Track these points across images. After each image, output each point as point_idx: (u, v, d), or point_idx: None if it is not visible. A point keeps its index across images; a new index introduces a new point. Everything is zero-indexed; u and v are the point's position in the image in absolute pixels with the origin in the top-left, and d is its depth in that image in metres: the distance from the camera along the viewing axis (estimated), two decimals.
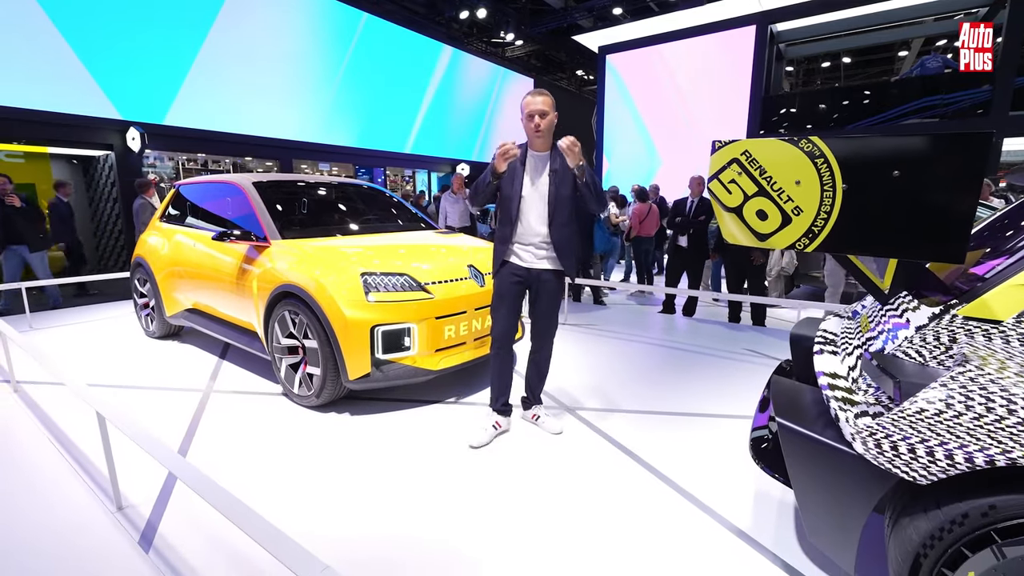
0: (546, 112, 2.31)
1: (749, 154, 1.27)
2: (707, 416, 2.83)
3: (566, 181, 2.36)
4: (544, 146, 2.39)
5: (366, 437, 2.54)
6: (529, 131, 2.36)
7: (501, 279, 2.46)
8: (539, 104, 2.32)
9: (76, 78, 7.16)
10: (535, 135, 2.34)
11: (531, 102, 2.33)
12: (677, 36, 11.26)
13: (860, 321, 1.80)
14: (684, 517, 1.91)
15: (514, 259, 2.44)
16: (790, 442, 1.39)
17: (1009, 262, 1.32)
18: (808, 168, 1.18)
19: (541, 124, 2.31)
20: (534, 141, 2.38)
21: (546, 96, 2.35)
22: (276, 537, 1.13)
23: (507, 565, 1.64)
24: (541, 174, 2.39)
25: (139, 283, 4.35)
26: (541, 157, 2.40)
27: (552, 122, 2.35)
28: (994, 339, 1.17)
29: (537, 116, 2.31)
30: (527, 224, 2.40)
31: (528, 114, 2.33)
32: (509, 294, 2.45)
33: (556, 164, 2.37)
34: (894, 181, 1.10)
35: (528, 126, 2.35)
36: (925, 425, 1.09)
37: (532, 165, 2.39)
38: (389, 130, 12.23)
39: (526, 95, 2.40)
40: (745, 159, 1.28)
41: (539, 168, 2.39)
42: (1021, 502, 1.00)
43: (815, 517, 1.36)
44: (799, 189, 1.21)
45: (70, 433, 2.55)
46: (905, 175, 1.08)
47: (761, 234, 1.29)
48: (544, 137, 2.35)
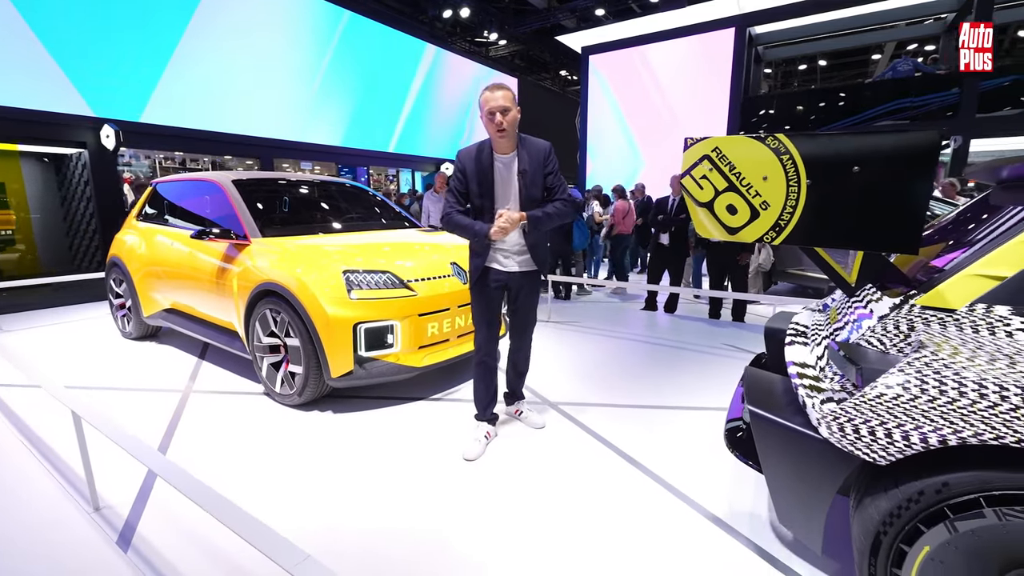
0: (508, 108, 2.09)
1: (720, 151, 1.32)
2: (686, 409, 2.89)
3: (536, 182, 2.21)
4: (509, 146, 2.19)
5: (350, 435, 2.54)
6: (491, 131, 2.14)
7: (482, 287, 2.33)
8: (499, 100, 2.08)
9: (46, 74, 6.97)
10: (498, 135, 2.13)
11: (490, 98, 2.10)
12: (659, 38, 11.41)
13: (830, 313, 1.87)
14: (663, 506, 1.96)
15: (495, 265, 2.32)
16: (761, 429, 1.44)
17: (964, 255, 1.39)
18: (775, 164, 1.23)
19: (504, 122, 2.09)
20: (498, 142, 2.17)
21: (506, 90, 2.12)
22: (256, 528, 1.14)
23: (493, 553, 1.67)
24: (510, 178, 2.22)
25: (115, 283, 4.26)
26: (507, 159, 2.21)
27: (515, 119, 2.13)
28: (948, 326, 1.24)
29: (499, 113, 2.08)
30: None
31: (488, 112, 2.10)
32: (491, 300, 2.34)
33: (524, 164, 2.19)
34: (854, 177, 1.15)
35: (490, 126, 2.13)
36: (884, 408, 1.14)
37: (499, 170, 2.21)
38: (372, 129, 12.14)
39: (483, 90, 2.15)
40: (716, 155, 1.33)
41: (507, 171, 2.22)
42: (971, 479, 1.06)
43: (784, 500, 1.41)
44: (766, 185, 1.26)
45: (44, 436, 2.50)
46: (863, 171, 1.14)
47: (731, 228, 1.34)
48: (508, 137, 2.14)
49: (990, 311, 1.21)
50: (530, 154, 2.20)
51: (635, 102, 12.01)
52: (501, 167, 2.21)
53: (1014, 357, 1.09)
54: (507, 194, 2.23)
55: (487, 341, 2.39)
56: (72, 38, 7.17)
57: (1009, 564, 1.06)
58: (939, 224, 1.95)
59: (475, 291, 2.36)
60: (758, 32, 10.95)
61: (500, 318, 2.46)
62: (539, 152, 2.23)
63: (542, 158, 2.23)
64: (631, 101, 12.08)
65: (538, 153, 2.23)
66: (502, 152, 2.20)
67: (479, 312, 2.37)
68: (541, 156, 2.23)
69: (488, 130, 2.17)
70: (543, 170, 2.23)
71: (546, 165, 2.24)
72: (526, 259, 2.33)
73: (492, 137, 2.18)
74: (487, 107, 2.11)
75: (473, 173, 2.20)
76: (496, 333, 2.42)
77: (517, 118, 2.15)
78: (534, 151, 2.23)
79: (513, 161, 2.21)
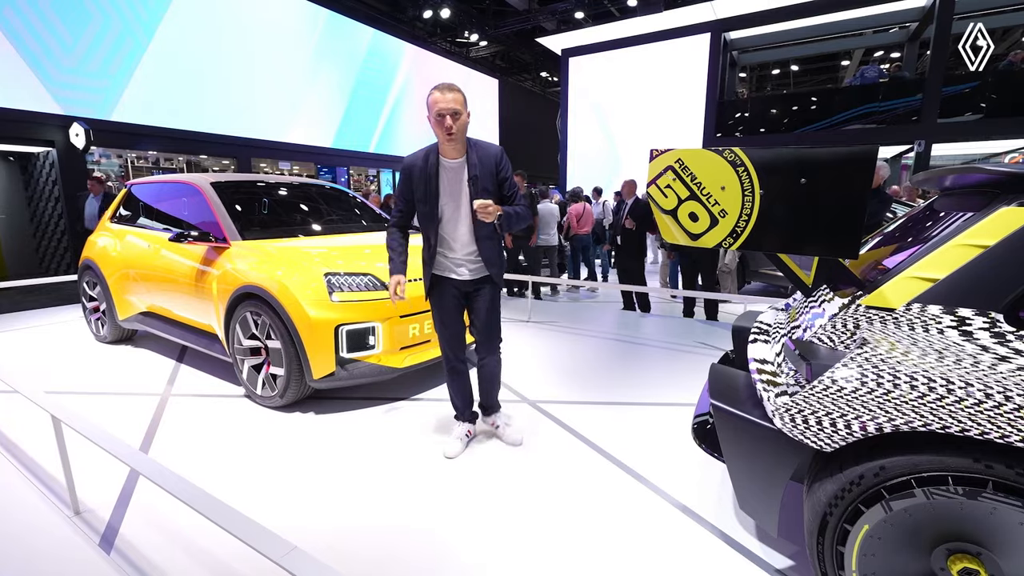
0: (459, 112, 1.97)
1: (682, 162, 1.41)
2: (657, 405, 3.00)
3: (487, 188, 2.08)
4: (458, 151, 2.06)
5: (332, 435, 2.57)
6: (439, 134, 2.01)
7: (439, 295, 2.26)
8: (450, 102, 1.95)
9: (11, 69, 6.77)
10: (447, 140, 2.01)
11: (439, 100, 1.95)
12: (637, 41, 11.62)
13: (790, 312, 1.99)
14: (633, 495, 2.05)
15: (448, 274, 2.23)
16: (723, 421, 1.54)
17: (906, 257, 1.51)
18: (731, 175, 1.33)
19: (454, 127, 1.96)
20: (446, 147, 2.05)
21: (456, 92, 1.99)
22: (241, 522, 1.18)
23: (472, 546, 1.74)
24: (459, 185, 2.09)
25: (88, 286, 4.19)
26: (455, 165, 2.08)
27: (465, 123, 2.02)
28: (888, 324, 1.35)
29: (448, 117, 1.95)
30: (453, 242, 2.17)
31: (437, 114, 1.96)
32: (448, 308, 2.26)
33: (475, 170, 2.06)
34: (801, 188, 1.26)
35: (438, 129, 1.99)
36: (829, 400, 1.25)
37: (447, 177, 2.08)
38: (352, 129, 12.07)
39: (432, 90, 1.98)
40: (679, 166, 1.42)
41: (456, 179, 2.09)
42: (904, 463, 1.17)
43: (743, 487, 1.51)
44: (724, 194, 1.35)
45: (19, 441, 2.47)
46: (809, 182, 1.24)
47: (693, 234, 1.44)
48: (457, 142, 2.02)
49: (924, 310, 1.32)
50: (481, 159, 2.08)
51: (614, 104, 12.20)
52: (449, 172, 2.09)
53: (943, 352, 1.21)
54: (456, 200, 2.11)
55: (452, 348, 2.33)
56: (39, 31, 6.97)
57: (938, 539, 1.17)
58: (891, 227, 2.09)
59: (431, 299, 2.30)
60: (733, 37, 11.24)
61: (462, 323, 2.36)
62: (490, 157, 2.11)
63: (493, 164, 2.11)
64: (610, 103, 12.26)
65: (489, 158, 2.11)
66: (450, 157, 2.08)
67: (438, 320, 2.31)
68: (492, 161, 2.11)
69: (436, 133, 2.04)
70: (495, 176, 2.12)
71: (499, 171, 2.13)
72: (479, 267, 2.24)
73: (440, 140, 2.06)
74: (436, 108, 1.97)
75: (419, 178, 2.09)
76: (460, 339, 2.35)
77: (467, 123, 2.04)
78: (485, 156, 2.11)
79: (462, 167, 2.09)
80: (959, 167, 1.57)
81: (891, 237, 1.96)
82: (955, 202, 1.60)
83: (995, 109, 8.64)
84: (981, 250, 1.28)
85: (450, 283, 2.24)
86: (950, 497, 1.12)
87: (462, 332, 2.37)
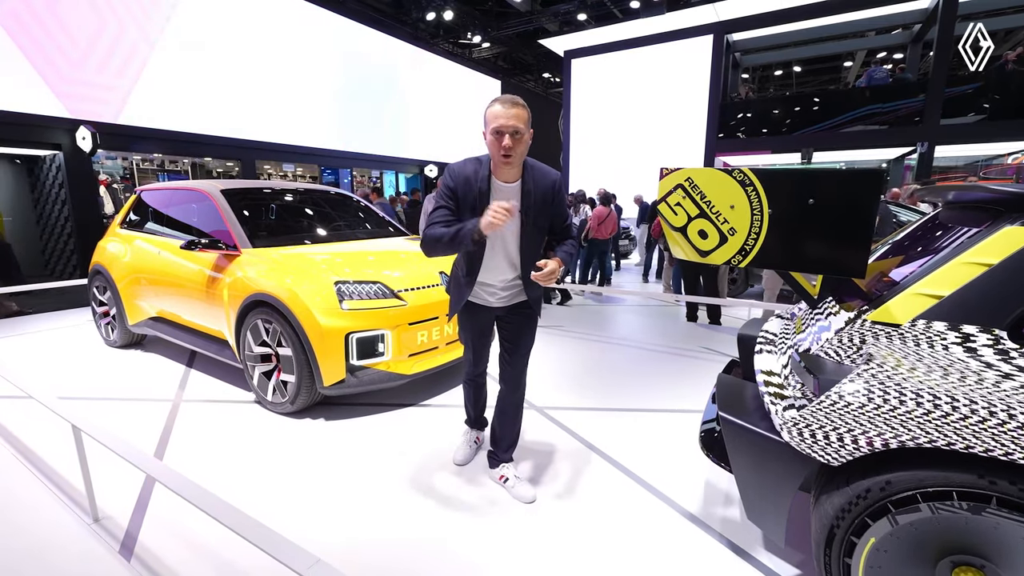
0: (520, 132, 1.70)
1: (692, 180, 1.45)
2: (663, 411, 3.03)
3: (540, 221, 1.87)
4: (514, 175, 1.82)
5: (342, 441, 2.61)
6: (495, 153, 1.75)
7: (469, 317, 2.08)
8: (511, 119, 1.68)
9: (18, 73, 6.82)
10: (503, 162, 1.74)
11: (500, 114, 1.69)
12: (640, 43, 11.62)
13: (795, 323, 2.01)
14: (640, 503, 2.08)
15: (479, 301, 2.04)
16: (731, 432, 1.57)
17: (911, 273, 1.54)
18: (740, 195, 1.36)
19: (513, 148, 1.70)
20: (501, 168, 1.79)
21: (520, 108, 1.72)
22: (264, 533, 1.22)
23: (489, 556, 1.77)
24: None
25: (98, 291, 4.24)
26: (509, 189, 1.83)
27: (527, 144, 1.77)
28: (894, 340, 1.38)
29: (508, 136, 1.69)
30: (493, 270, 1.94)
31: (495, 131, 1.71)
32: (478, 331, 2.11)
33: (529, 199, 1.84)
34: (809, 208, 1.29)
35: (494, 147, 1.74)
36: (837, 415, 1.28)
37: (499, 199, 1.75)
38: (355, 131, 12.10)
39: (493, 102, 1.73)
40: (688, 185, 1.45)
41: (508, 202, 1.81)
42: (910, 478, 1.20)
43: (751, 498, 1.54)
44: (733, 212, 1.38)
45: (35, 447, 2.51)
46: (817, 203, 1.28)
47: (702, 251, 1.47)
48: (515, 165, 1.77)
49: (929, 327, 1.35)
50: (536, 185, 1.84)
51: (616, 105, 12.21)
52: (500, 196, 1.82)
53: (947, 369, 1.24)
54: (504, 229, 1.82)
55: (475, 365, 2.23)
56: (45, 36, 7.02)
57: (942, 551, 1.20)
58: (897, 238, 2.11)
59: (461, 318, 2.13)
60: (735, 39, 11.24)
61: (490, 342, 2.24)
62: (547, 184, 1.89)
63: (550, 192, 1.89)
64: (612, 105, 12.27)
65: (546, 185, 1.88)
66: (503, 179, 1.83)
67: (465, 336, 2.17)
68: (550, 190, 1.89)
69: (491, 150, 1.78)
70: (549, 206, 1.90)
71: (554, 201, 1.92)
72: (517, 292, 2.04)
73: (494, 159, 1.79)
74: (494, 123, 1.71)
75: (465, 198, 1.83)
76: (485, 358, 2.25)
77: (528, 143, 1.77)
78: (542, 181, 1.87)
79: (516, 193, 1.84)
80: (963, 185, 1.60)
81: (896, 248, 1.98)
82: (959, 216, 1.62)
83: (998, 111, 8.64)
84: (985, 268, 1.30)
85: (484, 307, 2.07)
86: (955, 512, 1.15)
87: (488, 350, 2.25)
